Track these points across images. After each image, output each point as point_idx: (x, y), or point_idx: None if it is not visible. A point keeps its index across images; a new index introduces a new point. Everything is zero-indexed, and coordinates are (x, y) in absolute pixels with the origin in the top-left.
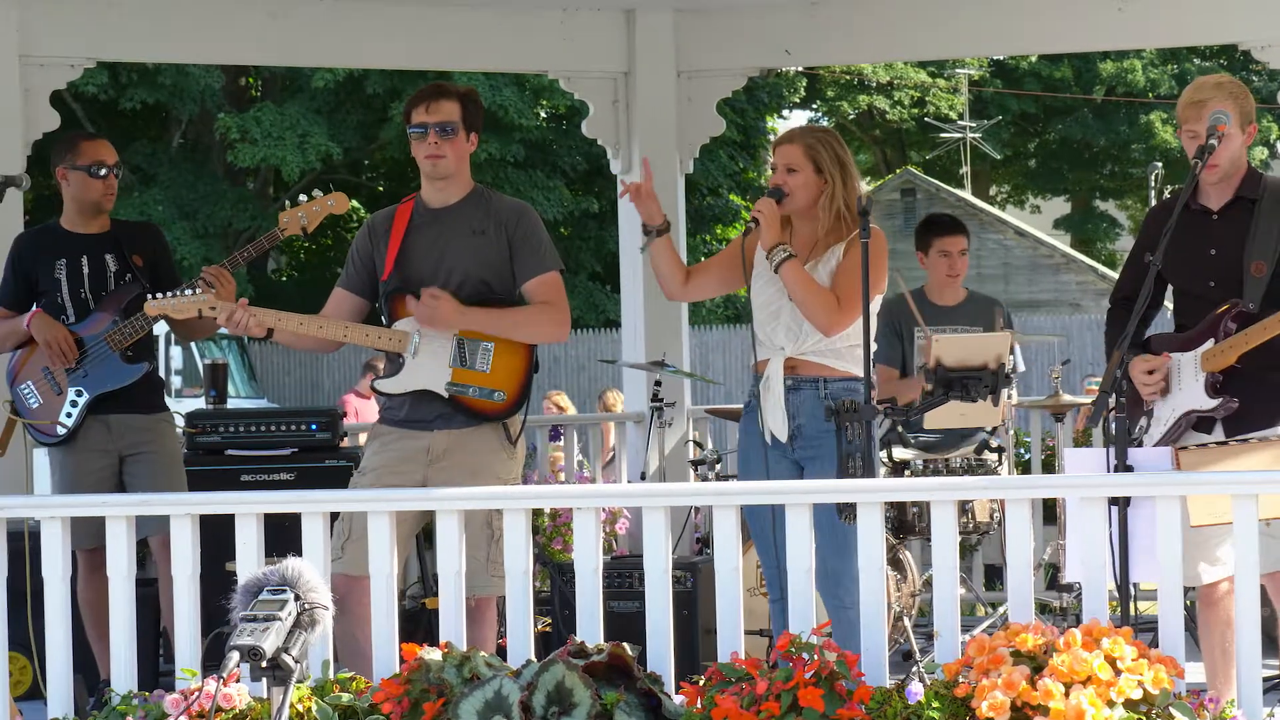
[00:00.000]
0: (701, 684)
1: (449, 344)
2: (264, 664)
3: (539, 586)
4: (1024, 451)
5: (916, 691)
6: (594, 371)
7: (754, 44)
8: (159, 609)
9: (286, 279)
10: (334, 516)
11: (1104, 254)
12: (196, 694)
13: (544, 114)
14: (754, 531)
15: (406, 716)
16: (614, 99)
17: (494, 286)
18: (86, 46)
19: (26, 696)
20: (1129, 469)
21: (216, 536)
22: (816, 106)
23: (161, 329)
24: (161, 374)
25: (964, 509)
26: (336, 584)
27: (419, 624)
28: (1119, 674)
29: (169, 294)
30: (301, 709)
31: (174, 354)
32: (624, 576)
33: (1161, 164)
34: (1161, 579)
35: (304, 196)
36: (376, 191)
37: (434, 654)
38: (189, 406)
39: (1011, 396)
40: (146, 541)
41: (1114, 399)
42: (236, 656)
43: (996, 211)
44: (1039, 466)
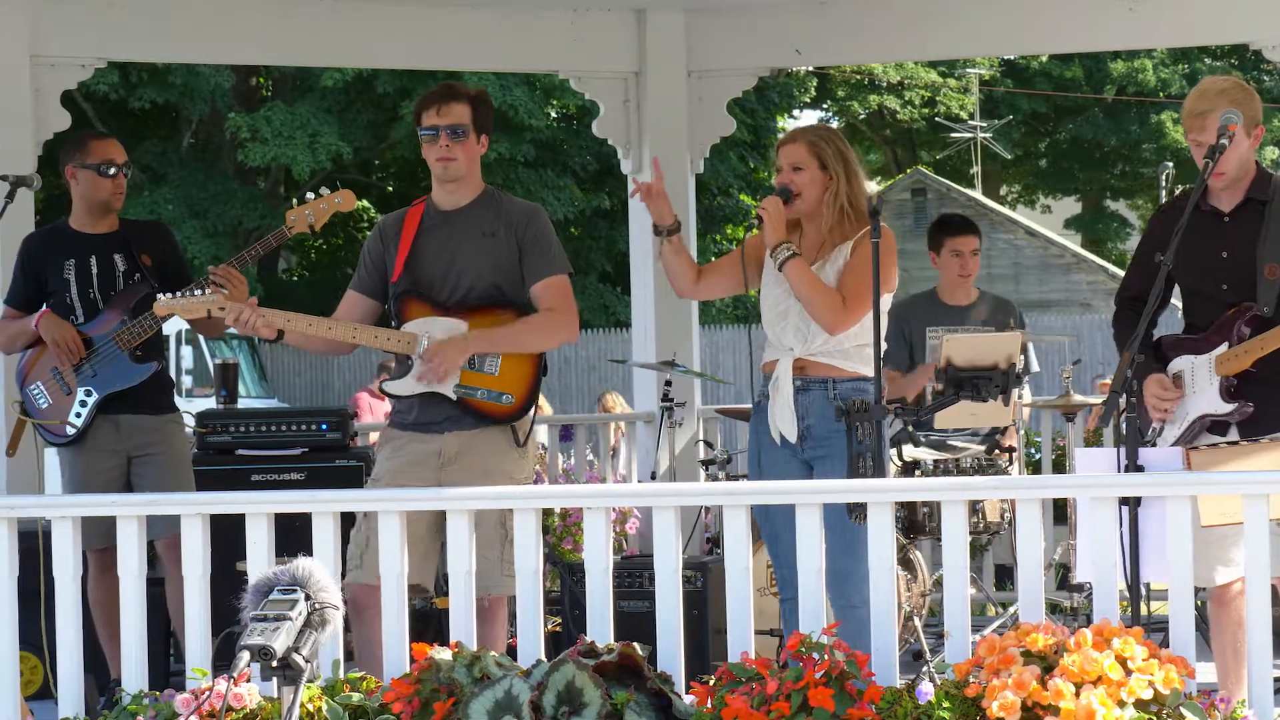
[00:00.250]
0: (712, 684)
1: None
2: (274, 663)
3: (549, 586)
4: (1035, 451)
5: (927, 691)
6: (604, 371)
7: (764, 44)
8: (169, 609)
9: (297, 279)
10: (348, 521)
11: (1115, 254)
12: (207, 694)
13: (554, 114)
14: (765, 532)
15: (417, 716)
16: (624, 99)
17: (504, 289)
18: (97, 46)
19: (37, 696)
20: (1140, 469)
21: (227, 536)
22: (827, 106)
23: (172, 328)
24: (172, 373)
25: (974, 509)
26: (355, 593)
27: (429, 624)
28: (1130, 674)
29: (178, 294)
30: (312, 709)
31: (184, 353)
32: (634, 576)
33: (1172, 164)
34: (1172, 579)
35: (311, 195)
36: (387, 191)
37: (444, 654)
38: (199, 406)
39: (1023, 396)
40: (153, 544)
41: (1125, 399)
42: (247, 656)
43: (1007, 211)
44: (1050, 466)
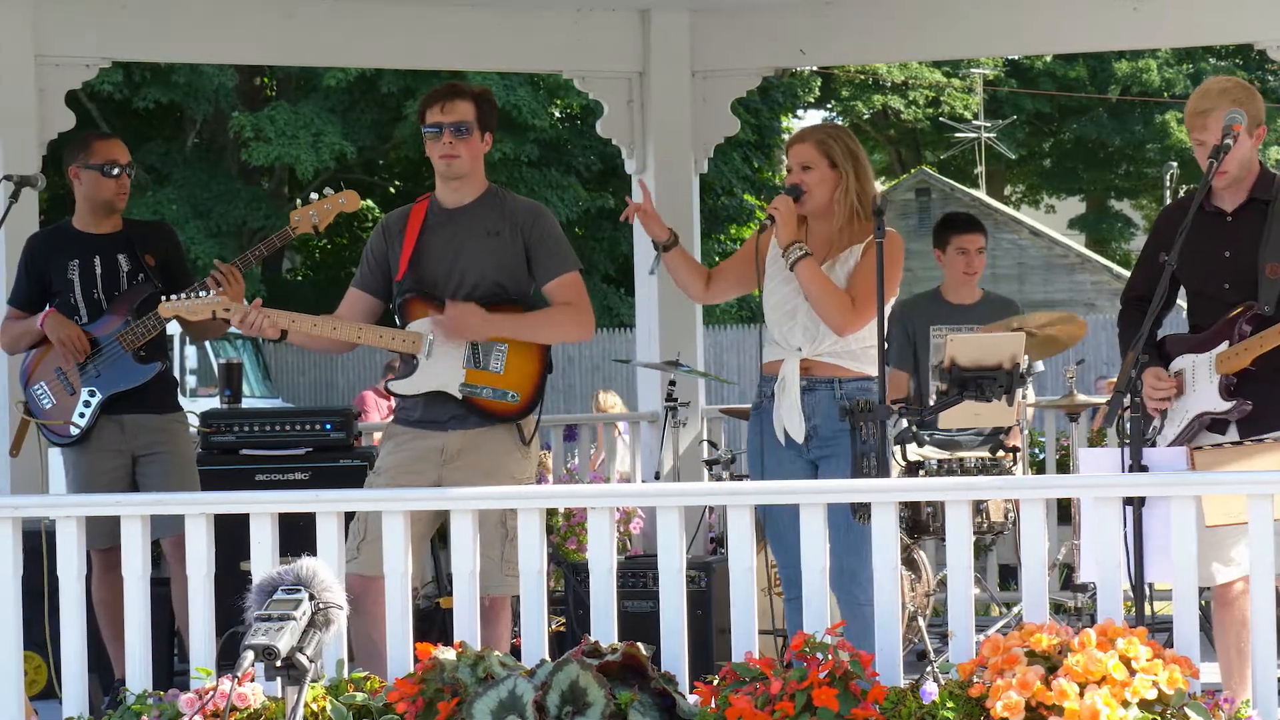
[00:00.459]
0: (716, 684)
1: (463, 345)
2: (278, 663)
3: (553, 586)
4: (1039, 451)
5: (931, 691)
6: (608, 371)
7: (769, 44)
8: (173, 609)
9: (302, 278)
10: (349, 517)
11: (1119, 254)
12: (211, 693)
13: (558, 114)
14: (769, 532)
15: (421, 716)
16: (628, 99)
17: (509, 288)
18: (101, 46)
19: (41, 696)
20: (1144, 469)
21: (231, 536)
22: (831, 106)
23: (176, 328)
24: (176, 373)
25: (978, 509)
26: (352, 584)
27: (433, 624)
28: (1134, 674)
29: (182, 295)
30: (316, 708)
31: (189, 353)
32: (638, 576)
33: (1177, 164)
34: (1176, 579)
35: (315, 195)
36: (391, 190)
37: (448, 654)
38: (204, 406)
39: (1027, 396)
40: (158, 543)
41: (1129, 399)
42: (251, 656)
43: (1011, 211)
44: (1053, 466)
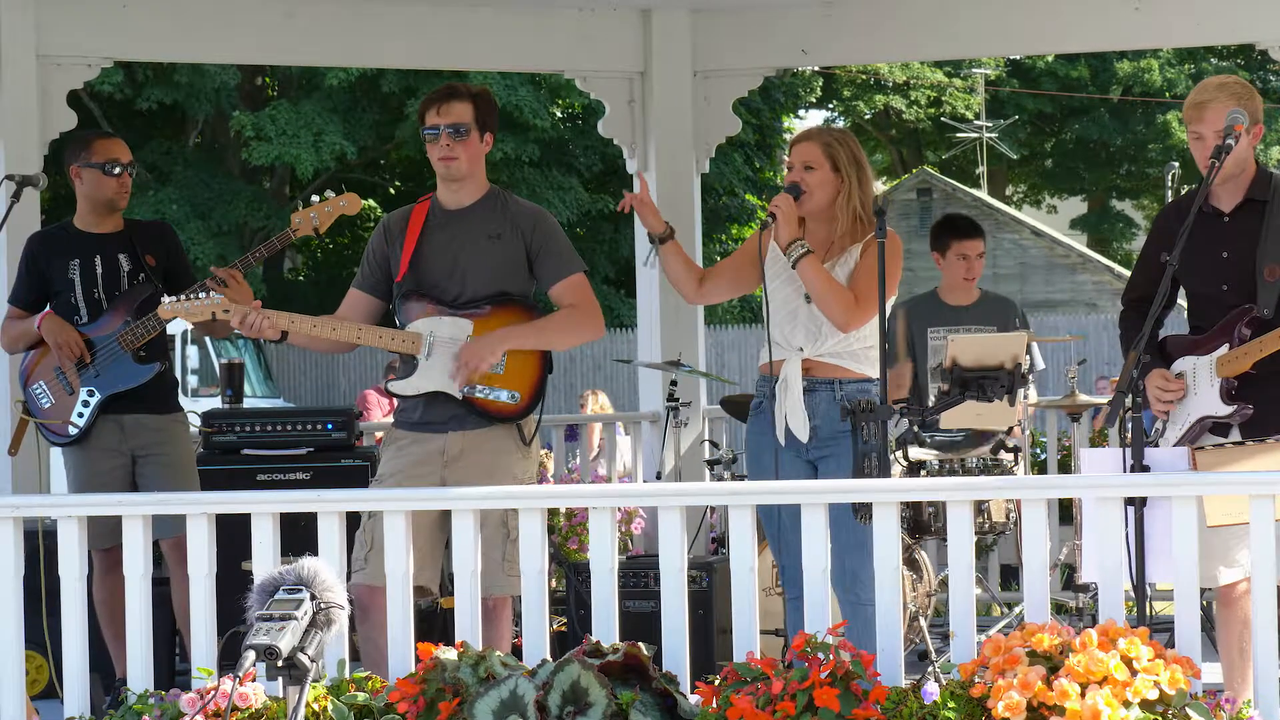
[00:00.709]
0: (717, 684)
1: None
2: (280, 663)
3: (554, 586)
4: (1040, 451)
5: (932, 691)
6: (610, 371)
7: (770, 44)
8: (174, 609)
9: (303, 278)
10: (353, 521)
11: (1120, 254)
12: (212, 693)
13: (559, 113)
14: (769, 532)
15: (422, 716)
16: (630, 99)
17: (510, 290)
18: (103, 46)
19: (43, 695)
20: (1145, 469)
21: (232, 536)
22: (833, 106)
23: (177, 328)
24: (177, 373)
25: (980, 509)
26: (360, 595)
27: (434, 624)
28: (1135, 674)
29: (183, 296)
30: (317, 708)
31: (190, 353)
32: (639, 576)
33: (1178, 164)
34: (1178, 579)
35: (316, 197)
36: (392, 190)
37: (449, 653)
38: (205, 406)
39: (1029, 396)
40: (157, 544)
41: (1130, 399)
42: (252, 655)
43: (1013, 211)
44: (1055, 466)
